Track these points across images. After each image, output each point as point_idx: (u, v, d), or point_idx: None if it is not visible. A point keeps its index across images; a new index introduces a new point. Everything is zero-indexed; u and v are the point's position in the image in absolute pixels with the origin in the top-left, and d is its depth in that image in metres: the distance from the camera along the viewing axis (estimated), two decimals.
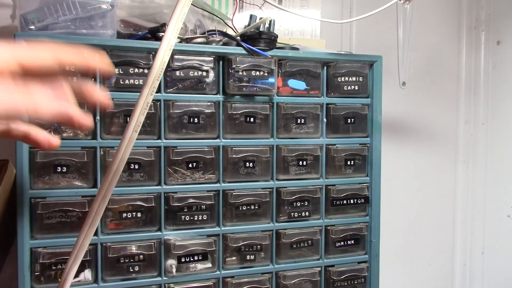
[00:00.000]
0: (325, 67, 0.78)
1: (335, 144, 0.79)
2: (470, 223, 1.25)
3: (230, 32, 0.82)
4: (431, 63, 1.18)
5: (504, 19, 1.19)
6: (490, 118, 1.23)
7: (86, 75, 0.48)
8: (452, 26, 1.20)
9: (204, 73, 0.70)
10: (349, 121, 0.79)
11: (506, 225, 1.17)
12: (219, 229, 0.72)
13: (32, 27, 0.64)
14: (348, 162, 0.80)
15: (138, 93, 0.65)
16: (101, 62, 0.41)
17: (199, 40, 0.73)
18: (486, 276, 1.25)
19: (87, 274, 0.65)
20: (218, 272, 0.72)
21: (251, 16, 0.85)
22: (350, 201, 0.80)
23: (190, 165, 0.70)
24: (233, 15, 0.92)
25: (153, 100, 0.46)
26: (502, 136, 1.20)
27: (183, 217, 0.70)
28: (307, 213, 0.77)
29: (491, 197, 1.23)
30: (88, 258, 0.64)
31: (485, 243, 1.25)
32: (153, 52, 0.67)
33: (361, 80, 0.80)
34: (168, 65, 0.68)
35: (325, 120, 0.78)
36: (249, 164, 0.73)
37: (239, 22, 0.93)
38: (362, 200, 0.80)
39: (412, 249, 1.19)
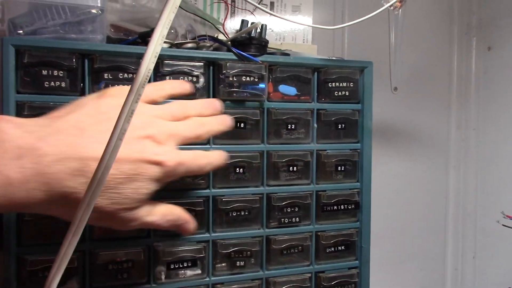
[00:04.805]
0: (316, 73, 0.78)
1: (325, 150, 0.79)
2: (462, 228, 1.26)
3: (222, 37, 0.82)
4: (423, 69, 1.18)
5: (495, 25, 1.19)
6: (482, 123, 1.23)
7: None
8: (443, 32, 1.21)
9: (195, 79, 0.70)
10: (339, 127, 0.79)
11: (497, 230, 1.17)
12: (209, 235, 0.72)
13: (21, 31, 0.64)
14: (339, 168, 0.80)
15: None
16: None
17: (189, 45, 0.72)
18: (477, 280, 1.26)
19: (74, 281, 0.64)
20: (207, 279, 0.72)
21: (242, 21, 0.85)
22: (340, 207, 0.80)
23: None
24: (224, 20, 0.92)
25: None
26: (493, 142, 1.20)
27: None
28: (297, 219, 0.77)
29: (482, 202, 1.24)
30: (75, 265, 0.63)
31: (477, 248, 1.26)
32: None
33: (352, 85, 0.80)
34: (158, 70, 0.68)
35: (315, 125, 0.78)
36: (240, 169, 0.73)
37: (231, 27, 0.93)
38: (353, 206, 0.80)
39: (403, 253, 1.19)
